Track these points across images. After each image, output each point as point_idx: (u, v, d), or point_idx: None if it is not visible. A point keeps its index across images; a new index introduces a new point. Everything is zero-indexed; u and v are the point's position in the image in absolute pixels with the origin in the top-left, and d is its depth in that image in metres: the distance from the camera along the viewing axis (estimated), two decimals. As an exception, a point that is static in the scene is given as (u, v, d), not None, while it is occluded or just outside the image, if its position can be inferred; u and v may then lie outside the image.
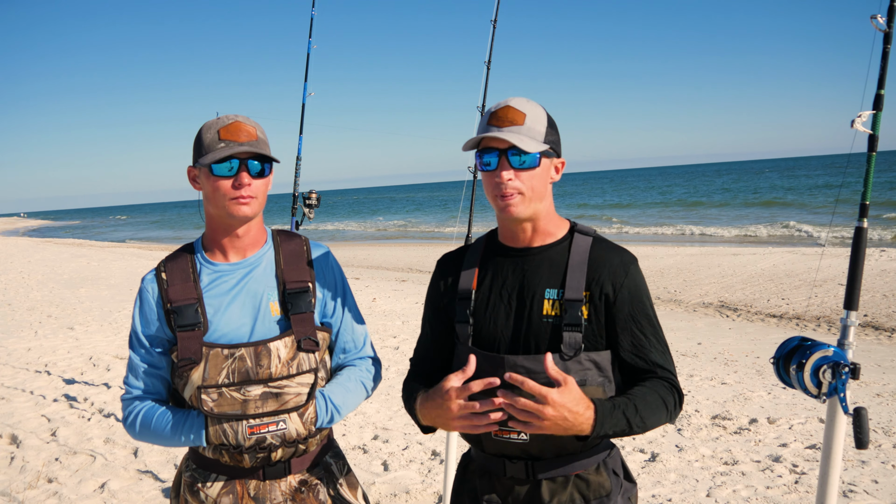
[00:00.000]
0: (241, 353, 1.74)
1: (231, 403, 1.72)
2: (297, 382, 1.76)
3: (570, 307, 1.60)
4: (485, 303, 1.70)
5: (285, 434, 1.75)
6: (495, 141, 1.60)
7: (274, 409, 1.74)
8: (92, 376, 6.78)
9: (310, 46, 5.17)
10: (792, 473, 4.08)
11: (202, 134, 1.77)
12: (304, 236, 1.95)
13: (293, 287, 1.83)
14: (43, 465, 4.54)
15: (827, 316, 8.97)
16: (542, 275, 1.66)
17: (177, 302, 1.78)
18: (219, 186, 1.75)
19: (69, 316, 10.46)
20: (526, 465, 1.65)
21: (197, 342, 1.74)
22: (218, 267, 1.84)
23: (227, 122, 1.77)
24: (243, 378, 1.73)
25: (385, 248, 25.00)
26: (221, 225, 1.82)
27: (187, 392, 1.76)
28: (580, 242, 1.68)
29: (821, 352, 1.87)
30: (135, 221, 79.60)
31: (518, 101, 1.65)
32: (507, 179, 1.59)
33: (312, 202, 4.73)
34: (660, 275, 12.96)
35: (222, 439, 1.74)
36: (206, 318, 1.77)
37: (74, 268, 18.35)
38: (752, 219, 26.96)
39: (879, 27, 1.97)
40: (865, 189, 1.98)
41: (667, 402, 1.61)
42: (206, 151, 1.75)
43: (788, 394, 5.63)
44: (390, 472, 4.33)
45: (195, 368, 1.73)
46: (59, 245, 32.16)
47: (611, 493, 1.66)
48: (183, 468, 1.90)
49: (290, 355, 1.77)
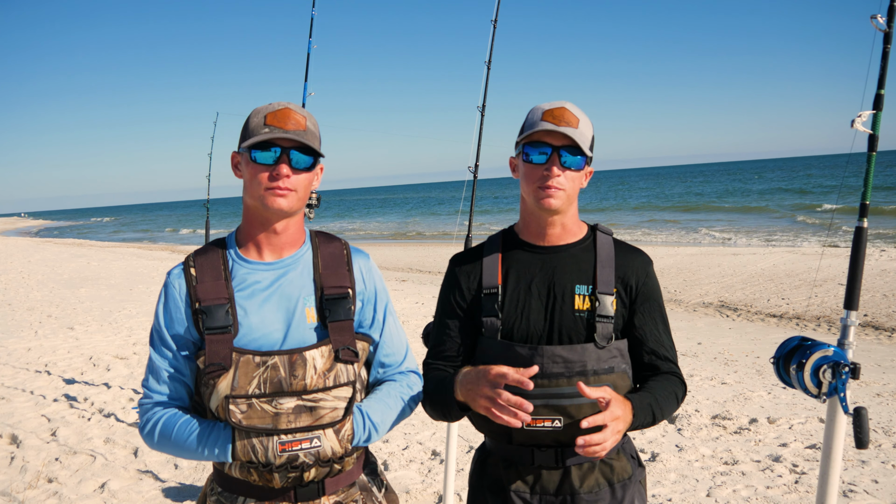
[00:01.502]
0: (275, 361, 1.60)
1: (261, 416, 1.57)
2: (333, 396, 1.62)
3: (603, 300, 1.71)
4: (514, 297, 1.75)
5: (319, 452, 1.61)
6: (552, 136, 1.67)
7: (308, 424, 1.59)
8: (92, 376, 6.78)
9: (310, 46, 5.17)
10: (792, 473, 4.09)
11: (250, 118, 1.66)
12: (344, 240, 1.81)
13: (332, 293, 1.69)
14: (43, 465, 4.54)
15: (827, 316, 8.97)
16: (571, 271, 1.75)
17: (206, 301, 1.63)
18: (257, 174, 1.62)
19: (69, 316, 10.47)
20: (556, 453, 1.71)
21: (226, 347, 1.60)
22: (252, 265, 1.69)
23: (276, 107, 1.65)
24: (276, 389, 1.59)
25: (385, 247, 25.00)
26: (258, 218, 1.68)
27: (213, 402, 1.63)
28: (603, 241, 1.79)
29: (821, 351, 1.87)
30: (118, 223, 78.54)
31: (572, 106, 1.72)
32: (557, 176, 1.67)
33: (312, 202, 4.73)
34: (660, 275, 12.94)
35: (251, 456, 1.59)
36: (236, 321, 1.63)
37: (74, 268, 18.35)
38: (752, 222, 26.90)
39: (879, 27, 1.97)
40: (865, 189, 1.98)
41: (678, 394, 1.75)
42: (249, 136, 1.63)
43: (788, 394, 5.63)
44: (390, 472, 4.33)
45: (224, 376, 1.59)
46: (59, 245, 32.15)
47: (632, 476, 1.77)
48: (207, 490, 1.76)
49: (327, 366, 1.63)
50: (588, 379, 1.66)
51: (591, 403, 1.64)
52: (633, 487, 1.77)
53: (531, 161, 1.69)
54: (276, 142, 1.62)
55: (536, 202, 1.70)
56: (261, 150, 1.62)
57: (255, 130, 1.63)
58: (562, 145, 1.66)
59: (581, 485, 1.71)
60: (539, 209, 1.72)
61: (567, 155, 1.67)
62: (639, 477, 1.81)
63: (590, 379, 1.66)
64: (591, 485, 1.71)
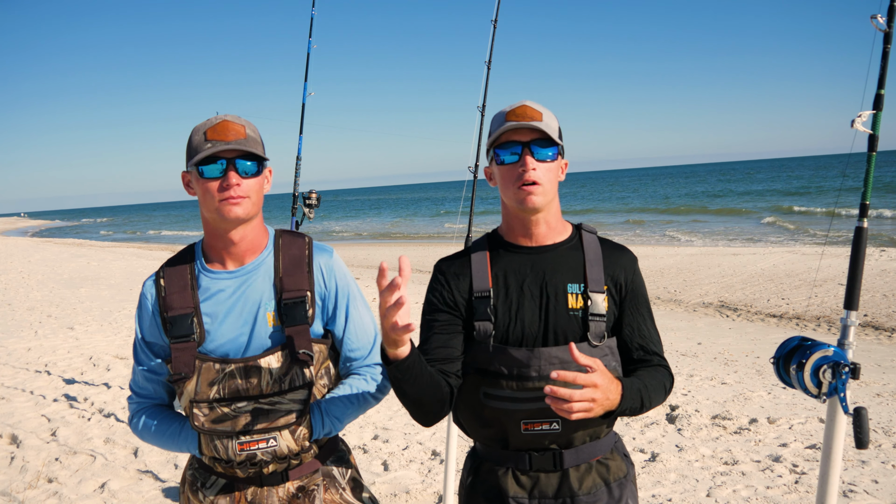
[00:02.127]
0: (231, 369, 1.71)
1: (222, 419, 1.71)
2: (288, 399, 1.73)
3: (595, 298, 1.70)
4: (506, 300, 1.73)
5: (276, 451, 1.73)
6: (519, 134, 1.67)
7: (265, 426, 1.71)
8: (92, 376, 6.78)
9: (310, 46, 5.17)
10: (792, 473, 4.08)
11: (192, 137, 1.73)
12: (308, 237, 1.88)
13: (289, 297, 1.76)
14: (43, 465, 4.54)
15: (827, 316, 8.97)
16: (562, 270, 1.73)
17: (173, 311, 1.75)
18: (208, 188, 1.69)
19: (69, 316, 10.47)
20: (554, 456, 1.70)
21: (190, 354, 1.72)
22: (216, 275, 1.78)
23: (214, 122, 1.72)
24: (234, 394, 1.71)
25: (385, 247, 25.01)
26: (216, 231, 1.76)
27: (183, 401, 1.77)
28: (590, 240, 1.78)
29: (821, 352, 1.87)
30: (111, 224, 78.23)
31: (532, 102, 1.72)
32: (532, 168, 1.66)
33: (312, 202, 4.73)
34: (660, 275, 12.97)
35: (214, 453, 1.74)
36: (202, 329, 1.74)
37: (74, 268, 18.35)
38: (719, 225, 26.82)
39: (879, 27, 1.97)
40: (865, 189, 1.98)
41: (666, 386, 1.75)
42: (194, 153, 1.70)
43: (788, 394, 5.63)
44: (390, 472, 4.33)
45: (189, 381, 1.73)
46: (59, 245, 32.16)
47: (627, 474, 1.77)
48: (187, 465, 1.92)
49: (283, 370, 1.73)
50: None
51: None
52: (628, 485, 1.77)
53: (504, 162, 1.69)
54: (220, 154, 1.69)
55: (518, 203, 1.68)
56: (207, 164, 1.69)
57: (199, 147, 1.69)
58: (530, 140, 1.67)
59: (580, 486, 1.70)
60: (522, 210, 1.70)
61: (538, 148, 1.67)
62: (632, 475, 1.81)
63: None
64: (590, 486, 1.70)
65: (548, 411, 1.63)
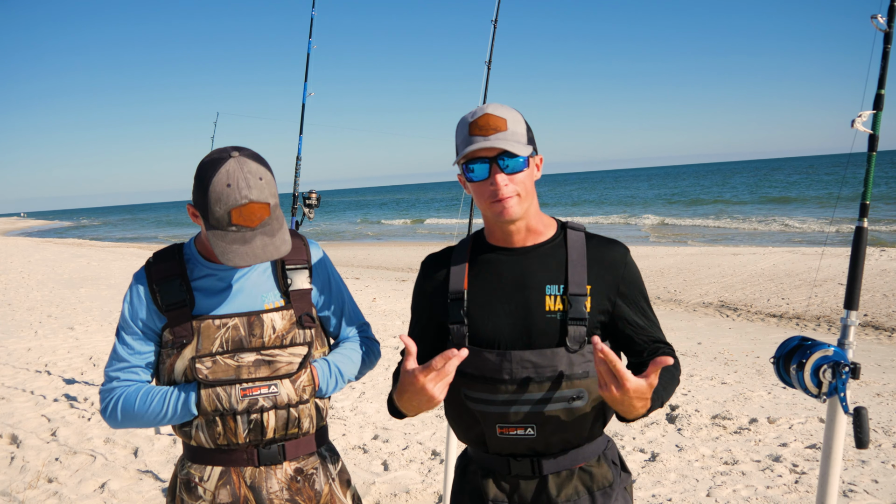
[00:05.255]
0: (235, 322, 1.76)
1: (225, 370, 1.74)
2: (289, 353, 1.79)
3: (575, 301, 1.64)
4: (480, 302, 1.70)
5: (277, 398, 1.77)
6: (484, 150, 1.60)
7: (266, 374, 1.76)
8: (92, 376, 6.78)
9: (310, 46, 5.18)
10: (792, 473, 4.09)
11: (210, 202, 1.62)
12: (302, 236, 1.94)
13: (293, 264, 1.85)
14: (43, 464, 4.54)
15: (827, 316, 8.97)
16: (541, 271, 1.68)
17: (161, 280, 1.78)
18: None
19: (69, 316, 10.46)
20: (532, 462, 1.67)
21: (186, 316, 1.75)
22: (212, 266, 1.81)
23: (241, 202, 1.61)
24: (237, 346, 1.76)
25: (385, 247, 25.00)
26: None
27: (179, 367, 1.76)
28: (574, 239, 1.71)
29: (821, 351, 1.87)
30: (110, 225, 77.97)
31: (495, 108, 1.64)
32: (504, 185, 1.60)
33: (312, 202, 4.74)
34: (660, 275, 12.97)
35: (216, 404, 1.74)
36: (192, 294, 1.77)
37: (74, 268, 18.35)
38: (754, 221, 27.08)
39: (879, 27, 1.97)
40: (866, 189, 1.98)
41: (675, 375, 1.71)
42: (214, 225, 1.64)
43: (788, 393, 5.63)
44: (390, 472, 4.33)
45: (187, 346, 1.75)
46: (59, 245, 32.16)
47: (613, 483, 1.71)
48: (178, 470, 1.89)
49: (286, 328, 1.79)
50: (561, 383, 1.60)
51: (567, 409, 1.61)
52: (617, 494, 1.71)
53: (474, 179, 1.64)
54: (241, 239, 1.67)
55: (495, 217, 1.65)
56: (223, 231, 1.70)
57: (220, 224, 1.63)
58: (497, 154, 1.59)
59: (558, 493, 1.67)
60: (499, 222, 1.67)
61: (507, 160, 1.60)
62: (623, 483, 1.75)
63: (563, 383, 1.60)
64: (570, 493, 1.67)
65: (522, 416, 1.61)
